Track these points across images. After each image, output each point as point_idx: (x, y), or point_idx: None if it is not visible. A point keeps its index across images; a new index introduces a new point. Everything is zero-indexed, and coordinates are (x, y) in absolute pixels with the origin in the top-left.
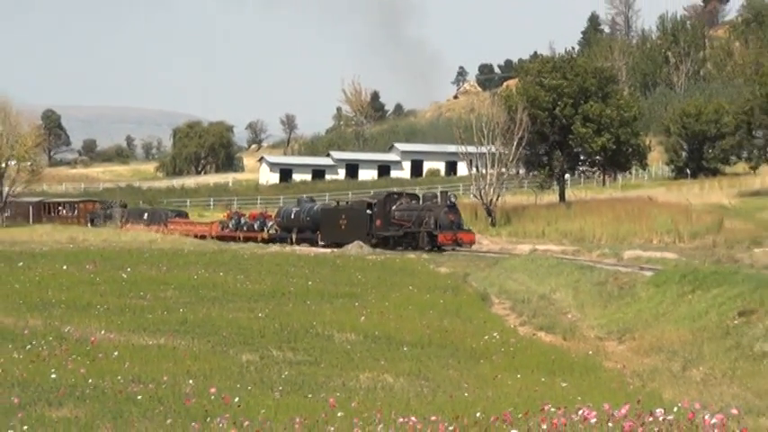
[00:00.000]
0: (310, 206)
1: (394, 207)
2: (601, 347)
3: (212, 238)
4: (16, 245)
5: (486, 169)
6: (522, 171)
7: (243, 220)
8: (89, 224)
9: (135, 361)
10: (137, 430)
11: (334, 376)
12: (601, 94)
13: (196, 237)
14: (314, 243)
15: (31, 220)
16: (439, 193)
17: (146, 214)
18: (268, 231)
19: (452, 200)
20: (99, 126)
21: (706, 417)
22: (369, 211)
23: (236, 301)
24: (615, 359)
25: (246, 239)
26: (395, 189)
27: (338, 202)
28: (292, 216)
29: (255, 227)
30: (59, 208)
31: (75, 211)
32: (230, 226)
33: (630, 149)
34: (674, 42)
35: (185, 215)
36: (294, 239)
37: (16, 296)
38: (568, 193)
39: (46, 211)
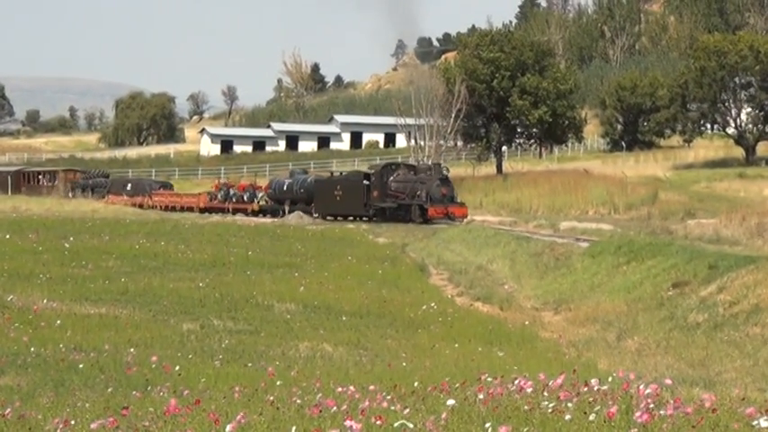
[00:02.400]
0: (304, 177)
1: (391, 178)
2: (537, 318)
3: (200, 210)
4: None
5: (425, 141)
6: (459, 143)
7: (231, 192)
8: (70, 194)
9: (77, 330)
10: (78, 399)
11: (273, 345)
12: (538, 67)
13: (183, 209)
14: (308, 215)
15: (9, 190)
16: (431, 164)
17: (129, 185)
18: (258, 203)
19: (445, 172)
20: (42, 96)
21: (640, 387)
22: (366, 182)
23: (177, 270)
24: (551, 329)
25: (236, 211)
26: (399, 159)
27: (332, 173)
28: (285, 188)
29: (245, 198)
30: (39, 177)
31: (56, 181)
32: (219, 197)
33: (567, 122)
34: (610, 17)
35: (170, 186)
36: (287, 212)
37: None
38: (505, 165)
39: (26, 180)
